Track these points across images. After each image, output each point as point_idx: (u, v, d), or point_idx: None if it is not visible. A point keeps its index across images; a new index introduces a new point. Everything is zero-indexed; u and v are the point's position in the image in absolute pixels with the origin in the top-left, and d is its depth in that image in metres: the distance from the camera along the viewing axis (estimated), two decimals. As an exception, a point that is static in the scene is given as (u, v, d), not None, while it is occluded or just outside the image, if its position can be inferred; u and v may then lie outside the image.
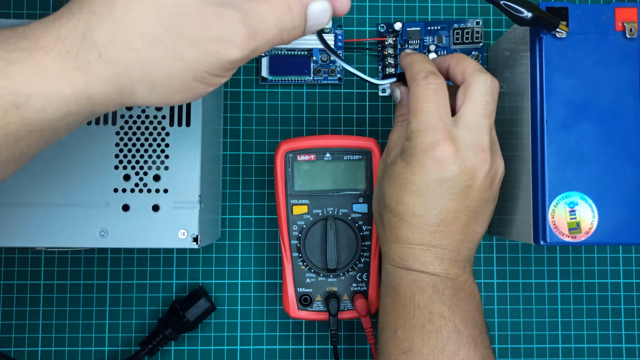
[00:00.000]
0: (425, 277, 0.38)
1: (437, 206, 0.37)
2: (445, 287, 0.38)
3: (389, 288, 0.40)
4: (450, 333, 0.36)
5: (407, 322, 0.37)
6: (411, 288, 0.38)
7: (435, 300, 0.37)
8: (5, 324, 0.51)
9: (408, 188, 0.37)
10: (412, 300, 0.38)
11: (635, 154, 0.40)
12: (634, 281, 0.52)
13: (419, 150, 0.37)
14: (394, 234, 0.39)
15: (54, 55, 0.27)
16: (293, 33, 0.30)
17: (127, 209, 0.41)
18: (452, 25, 0.52)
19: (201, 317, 0.49)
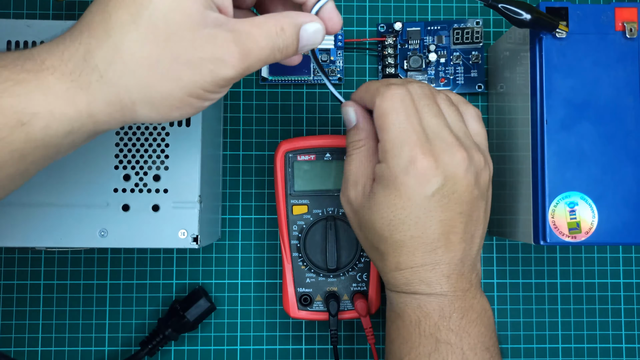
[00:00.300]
0: (432, 300, 0.36)
1: (432, 222, 0.35)
2: (452, 310, 0.36)
3: (393, 314, 0.38)
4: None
5: (413, 351, 0.36)
6: (416, 314, 0.36)
7: (442, 327, 0.36)
8: (5, 324, 0.51)
9: (398, 214, 0.35)
10: (417, 328, 0.36)
11: (635, 154, 0.40)
12: (634, 281, 0.52)
13: (399, 170, 0.35)
14: (395, 262, 0.37)
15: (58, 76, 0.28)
16: (285, 52, 0.32)
17: (127, 209, 0.41)
18: (452, 25, 0.52)
19: (201, 317, 0.49)
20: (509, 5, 0.38)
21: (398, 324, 0.38)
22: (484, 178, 0.37)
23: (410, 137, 0.35)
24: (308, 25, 0.32)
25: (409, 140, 0.35)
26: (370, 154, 0.38)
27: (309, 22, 0.32)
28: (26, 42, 0.41)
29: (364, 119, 0.38)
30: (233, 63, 0.29)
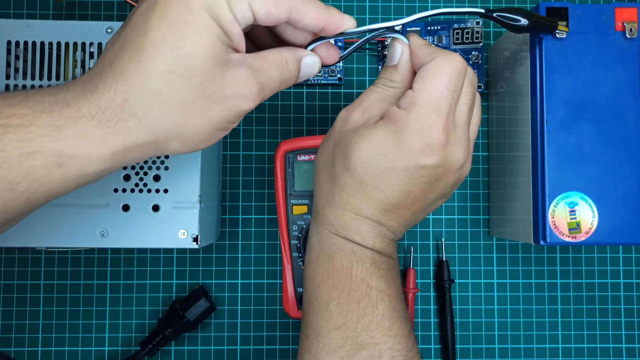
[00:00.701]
0: (364, 250, 0.36)
1: (402, 188, 0.35)
2: (381, 261, 0.36)
3: (323, 256, 0.37)
4: (385, 308, 0.35)
5: (343, 295, 0.35)
6: (349, 259, 0.36)
7: (374, 273, 0.36)
8: (5, 324, 0.51)
9: (383, 160, 0.35)
10: (349, 272, 0.36)
11: (635, 154, 0.40)
12: (634, 281, 0.52)
13: (414, 127, 0.34)
14: (345, 200, 0.36)
15: (95, 124, 0.30)
16: (288, 82, 0.35)
17: (127, 209, 0.41)
18: (452, 25, 0.52)
19: (201, 317, 0.49)
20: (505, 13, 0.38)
21: (327, 267, 0.36)
22: (457, 185, 0.38)
23: (444, 108, 0.34)
24: (307, 58, 0.35)
25: (441, 110, 0.34)
26: (394, 99, 0.37)
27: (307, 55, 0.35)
28: (26, 42, 0.41)
29: (406, 66, 0.37)
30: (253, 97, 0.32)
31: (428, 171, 0.35)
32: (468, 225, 0.53)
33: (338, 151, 0.37)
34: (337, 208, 0.37)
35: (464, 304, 0.52)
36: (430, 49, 0.36)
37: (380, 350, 0.35)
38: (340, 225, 0.37)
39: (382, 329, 0.35)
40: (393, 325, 0.35)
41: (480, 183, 0.53)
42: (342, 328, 0.35)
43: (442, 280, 0.51)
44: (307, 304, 0.37)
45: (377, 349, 0.35)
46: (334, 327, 0.35)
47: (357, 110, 0.37)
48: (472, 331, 0.52)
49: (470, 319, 0.52)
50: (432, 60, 0.35)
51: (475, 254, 0.52)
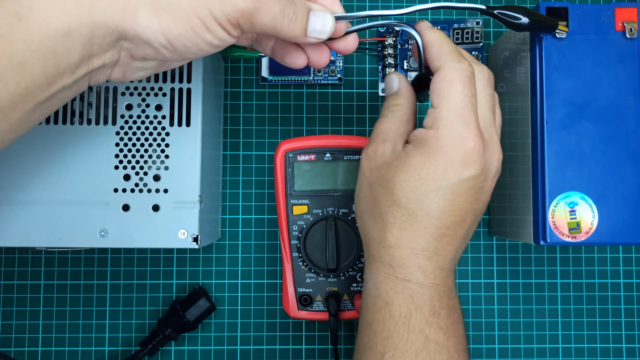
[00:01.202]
0: (425, 292, 0.34)
1: (452, 207, 0.34)
2: (441, 307, 0.35)
3: (380, 302, 0.35)
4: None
5: (399, 347, 0.34)
6: (407, 306, 0.34)
7: (432, 323, 0.34)
8: (5, 324, 0.51)
9: (426, 184, 0.33)
10: (407, 321, 0.34)
11: (635, 154, 0.40)
12: (634, 281, 0.52)
13: (447, 142, 0.33)
14: (398, 237, 0.34)
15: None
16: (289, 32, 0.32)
17: (127, 209, 0.41)
18: (452, 25, 0.52)
19: (201, 317, 0.49)
20: (506, 11, 0.38)
21: (384, 315, 0.35)
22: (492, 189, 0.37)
23: (470, 115, 0.34)
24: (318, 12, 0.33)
25: (468, 118, 0.33)
26: (405, 119, 0.37)
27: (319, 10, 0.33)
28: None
29: (406, 87, 0.38)
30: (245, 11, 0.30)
31: (472, 182, 0.34)
32: (468, 225, 0.53)
33: (378, 189, 0.35)
34: (391, 247, 0.35)
35: (464, 304, 0.52)
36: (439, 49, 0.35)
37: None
38: (397, 264, 0.35)
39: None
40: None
41: (480, 183, 0.53)
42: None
43: (442, 280, 0.51)
44: (362, 351, 0.36)
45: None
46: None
47: (377, 144, 0.36)
48: (472, 331, 0.52)
49: (470, 319, 0.52)
50: (441, 69, 0.34)
51: (475, 254, 0.52)
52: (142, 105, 0.42)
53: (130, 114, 0.41)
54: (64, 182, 0.41)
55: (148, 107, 0.42)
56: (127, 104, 0.42)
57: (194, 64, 0.42)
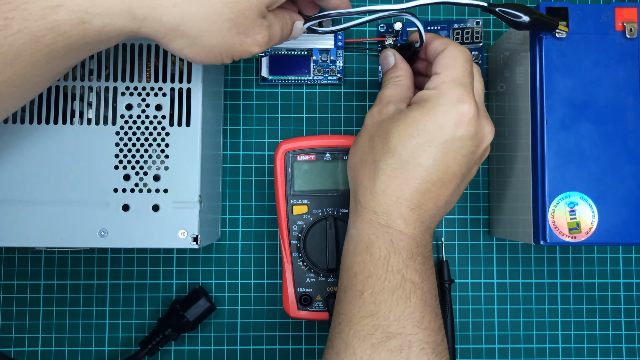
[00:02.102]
0: (403, 238, 0.37)
1: (441, 163, 0.37)
2: (418, 254, 0.37)
3: (360, 245, 0.38)
4: (418, 301, 0.36)
5: (377, 285, 0.36)
6: (387, 249, 0.37)
7: (409, 266, 0.37)
8: (5, 324, 0.51)
9: (422, 135, 0.37)
10: (386, 262, 0.37)
11: (635, 154, 0.40)
12: (634, 281, 0.52)
13: (447, 100, 0.37)
14: (386, 184, 0.37)
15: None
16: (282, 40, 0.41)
17: (127, 209, 0.41)
18: (452, 25, 0.52)
19: (201, 317, 0.49)
20: (507, 9, 0.38)
21: (364, 257, 0.37)
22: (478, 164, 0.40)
23: (468, 85, 0.38)
24: (298, 23, 0.42)
25: (467, 87, 0.37)
26: (407, 87, 0.41)
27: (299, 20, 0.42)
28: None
29: (402, 60, 0.42)
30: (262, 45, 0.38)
31: (464, 142, 0.37)
32: (468, 225, 0.53)
33: (377, 139, 0.39)
34: (379, 194, 0.38)
35: (464, 304, 0.52)
36: (441, 40, 0.40)
37: (410, 341, 0.35)
38: (382, 211, 0.38)
39: (413, 321, 0.36)
40: (424, 319, 0.36)
41: (480, 183, 0.53)
42: (374, 316, 0.36)
43: (442, 280, 0.51)
44: (342, 292, 0.38)
45: (407, 339, 0.35)
46: (367, 315, 0.36)
47: (381, 105, 0.40)
48: (472, 331, 0.52)
49: (470, 319, 0.52)
50: (447, 48, 0.39)
51: (475, 254, 0.52)
52: (142, 105, 0.42)
53: (130, 114, 0.41)
54: (64, 182, 0.41)
55: (148, 107, 0.42)
56: (127, 104, 0.42)
57: (194, 64, 0.42)
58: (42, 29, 0.31)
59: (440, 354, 0.36)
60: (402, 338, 0.35)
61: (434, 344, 0.36)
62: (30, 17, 0.31)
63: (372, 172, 0.38)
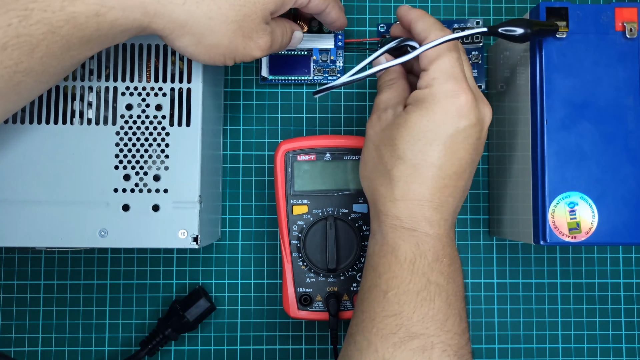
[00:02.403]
0: (429, 240, 0.37)
1: (452, 157, 0.37)
2: (444, 255, 0.37)
3: (385, 247, 0.38)
4: (442, 303, 0.36)
5: (402, 286, 0.36)
6: (412, 252, 0.37)
7: (435, 269, 0.37)
8: (5, 324, 0.51)
9: (427, 137, 0.37)
10: (412, 265, 0.37)
11: (635, 154, 0.40)
12: (634, 281, 0.52)
13: (443, 96, 0.37)
14: (405, 190, 0.37)
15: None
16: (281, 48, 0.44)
17: (127, 209, 0.41)
18: (452, 25, 0.52)
19: (201, 317, 0.49)
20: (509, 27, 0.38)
21: (390, 259, 0.38)
22: None
23: (459, 73, 0.37)
24: (297, 32, 0.45)
25: (458, 76, 0.37)
26: (401, 89, 0.41)
27: (297, 30, 0.45)
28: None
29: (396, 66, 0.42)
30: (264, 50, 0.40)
31: (469, 131, 0.37)
32: (468, 225, 0.53)
33: (383, 148, 0.39)
34: (399, 201, 0.38)
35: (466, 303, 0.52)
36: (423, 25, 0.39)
37: (432, 342, 0.36)
38: (405, 216, 0.38)
39: (437, 323, 0.36)
40: (447, 321, 0.36)
41: (480, 183, 0.53)
42: (397, 316, 0.36)
43: (442, 280, 0.51)
44: (366, 291, 0.39)
45: (429, 340, 0.35)
46: (390, 315, 0.36)
47: (379, 112, 0.40)
48: (472, 331, 0.52)
49: (470, 319, 0.52)
50: (428, 38, 0.39)
51: (475, 254, 0.52)
52: (142, 105, 0.42)
53: (130, 114, 0.41)
54: (64, 182, 0.41)
55: (148, 107, 0.42)
56: (127, 104, 0.42)
57: (194, 64, 0.42)
58: (60, 20, 0.32)
59: (463, 357, 0.36)
60: (424, 339, 0.35)
61: (456, 346, 0.36)
62: (49, 9, 0.32)
63: (388, 181, 0.38)
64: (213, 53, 0.38)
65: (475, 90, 0.39)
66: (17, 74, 0.33)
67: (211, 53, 0.38)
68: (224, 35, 0.37)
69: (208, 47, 0.38)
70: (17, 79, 0.33)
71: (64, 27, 0.33)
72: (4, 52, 0.32)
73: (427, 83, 0.38)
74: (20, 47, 0.32)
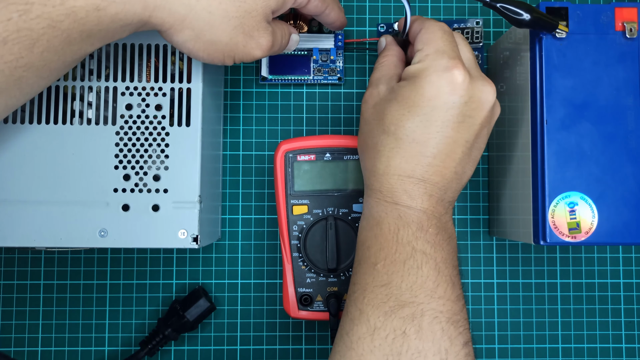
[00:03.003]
0: (412, 212, 0.37)
1: (438, 134, 0.37)
2: (429, 225, 0.37)
3: (371, 221, 0.39)
4: (430, 270, 0.36)
5: (389, 257, 0.37)
6: (395, 223, 0.37)
7: (419, 237, 0.37)
8: (5, 324, 0.51)
9: (414, 111, 0.37)
10: (395, 235, 0.37)
11: (635, 154, 0.40)
12: (634, 281, 0.52)
13: (433, 70, 0.37)
14: (386, 164, 0.38)
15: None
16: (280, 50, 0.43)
17: (127, 209, 0.41)
18: (452, 25, 0.52)
19: (201, 317, 0.49)
20: (508, 5, 0.38)
21: (375, 232, 0.38)
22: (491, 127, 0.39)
23: (453, 52, 0.37)
24: (294, 35, 0.45)
25: (451, 54, 0.37)
26: (393, 65, 0.42)
27: (295, 33, 0.45)
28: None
29: (391, 42, 0.44)
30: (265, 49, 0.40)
31: (459, 109, 0.37)
32: (468, 225, 0.53)
33: (373, 123, 0.39)
34: (381, 175, 0.38)
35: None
36: (419, 21, 0.41)
37: (422, 310, 0.36)
38: (387, 190, 0.38)
39: (426, 290, 0.36)
40: (438, 288, 0.36)
41: (480, 183, 0.53)
42: (387, 286, 0.36)
43: (442, 280, 0.51)
44: (357, 264, 0.39)
45: (419, 308, 0.36)
46: (380, 285, 0.37)
47: (372, 89, 0.41)
48: (472, 331, 0.52)
49: (470, 319, 0.52)
50: (423, 26, 0.40)
51: (475, 254, 0.52)
52: (142, 105, 0.42)
53: (130, 114, 0.41)
54: (64, 182, 0.41)
55: (148, 107, 0.42)
56: (127, 104, 0.42)
57: (194, 64, 0.42)
58: (60, 14, 0.32)
59: (457, 322, 0.36)
60: (414, 307, 0.36)
61: (449, 312, 0.36)
62: (50, 3, 0.32)
63: (373, 155, 0.39)
64: (212, 50, 0.38)
65: (474, 70, 0.38)
66: (18, 69, 0.33)
67: (210, 50, 0.38)
68: (224, 32, 0.37)
69: (207, 44, 0.37)
70: (18, 74, 0.33)
71: (64, 22, 0.33)
72: (5, 46, 0.32)
73: (420, 59, 0.38)
74: (20, 41, 0.32)
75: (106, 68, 0.42)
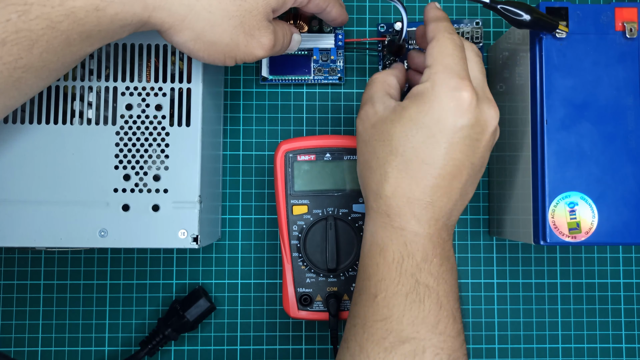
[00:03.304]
0: (418, 240, 0.36)
1: (446, 155, 0.36)
2: (434, 255, 0.36)
3: (374, 248, 0.37)
4: (432, 305, 0.36)
5: (390, 288, 0.36)
6: (400, 252, 0.36)
7: (423, 269, 0.36)
8: (5, 324, 0.51)
9: (421, 132, 0.36)
10: (399, 266, 0.36)
11: (635, 154, 0.40)
12: (634, 281, 0.52)
13: (442, 91, 0.36)
14: (394, 186, 0.37)
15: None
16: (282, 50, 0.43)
17: (127, 209, 0.41)
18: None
19: (201, 317, 0.49)
20: (508, 7, 0.38)
21: (378, 260, 0.37)
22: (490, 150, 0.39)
23: (462, 72, 0.36)
24: (296, 35, 0.45)
25: (460, 74, 0.36)
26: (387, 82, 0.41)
27: (296, 33, 0.45)
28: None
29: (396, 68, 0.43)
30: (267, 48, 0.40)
31: (466, 131, 0.36)
32: (468, 225, 0.53)
33: (375, 143, 0.38)
34: (388, 197, 0.37)
35: (463, 304, 0.52)
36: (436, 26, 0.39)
37: (424, 346, 0.35)
38: (394, 213, 0.37)
39: (427, 326, 0.35)
40: (439, 323, 0.36)
41: (480, 183, 0.53)
42: (387, 320, 0.36)
43: (442, 280, 0.51)
44: (357, 294, 0.38)
45: (420, 344, 0.35)
46: (380, 319, 0.36)
47: (367, 107, 0.40)
48: (472, 331, 0.52)
49: (470, 319, 0.52)
50: (435, 37, 0.38)
51: (475, 254, 0.52)
52: (142, 105, 0.42)
53: (130, 114, 0.41)
54: (64, 182, 0.41)
55: (148, 107, 0.42)
56: (127, 104, 0.42)
57: (194, 64, 0.42)
58: (60, 15, 0.32)
59: None
60: (415, 343, 0.35)
61: (449, 349, 0.35)
62: (49, 3, 0.32)
63: (379, 176, 0.37)
64: (212, 50, 0.38)
65: (482, 91, 0.38)
66: (17, 69, 0.33)
67: (210, 50, 0.37)
68: (225, 32, 0.37)
69: (207, 44, 0.37)
70: (17, 75, 0.33)
71: (63, 22, 0.32)
72: (4, 47, 0.32)
73: (428, 77, 0.37)
74: (19, 42, 0.32)
75: (106, 68, 0.42)
